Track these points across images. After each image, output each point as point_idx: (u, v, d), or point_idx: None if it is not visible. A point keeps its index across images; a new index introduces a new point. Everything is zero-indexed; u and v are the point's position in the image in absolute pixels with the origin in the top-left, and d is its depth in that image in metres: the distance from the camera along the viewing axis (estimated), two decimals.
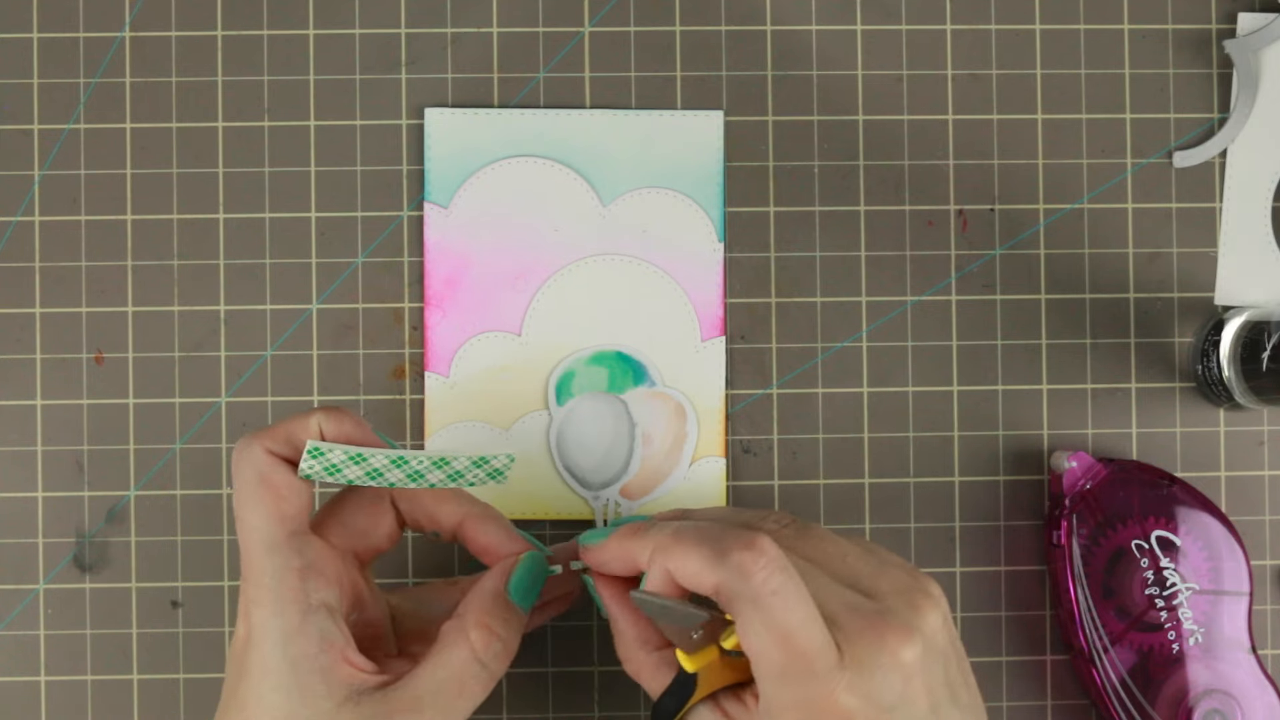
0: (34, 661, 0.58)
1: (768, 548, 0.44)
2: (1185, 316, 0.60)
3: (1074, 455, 0.57)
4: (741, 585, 0.43)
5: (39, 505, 0.59)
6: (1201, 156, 0.60)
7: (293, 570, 0.46)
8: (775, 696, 0.44)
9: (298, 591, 0.46)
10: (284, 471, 0.47)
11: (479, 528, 0.51)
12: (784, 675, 0.43)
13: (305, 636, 0.46)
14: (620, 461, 0.59)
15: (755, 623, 0.43)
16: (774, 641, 0.43)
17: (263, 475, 0.47)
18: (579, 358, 0.59)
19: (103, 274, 0.59)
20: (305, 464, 0.47)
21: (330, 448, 0.47)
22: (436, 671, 0.47)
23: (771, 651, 0.43)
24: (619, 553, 0.49)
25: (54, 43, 0.59)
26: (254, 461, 0.47)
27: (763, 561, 0.43)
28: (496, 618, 0.48)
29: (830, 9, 0.60)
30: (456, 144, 0.59)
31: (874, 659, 0.44)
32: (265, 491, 0.47)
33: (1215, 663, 0.56)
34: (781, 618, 0.43)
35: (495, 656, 0.48)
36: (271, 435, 0.47)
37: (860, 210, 0.60)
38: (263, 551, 0.46)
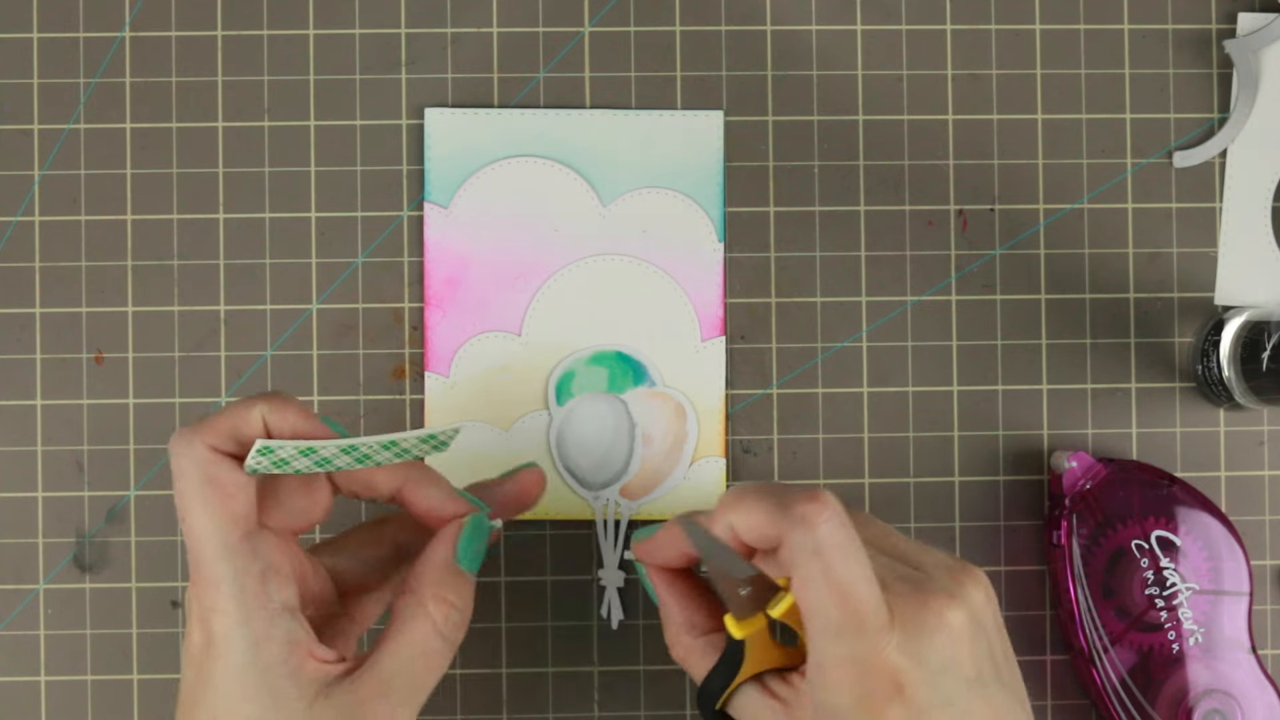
0: (34, 661, 0.58)
1: (831, 501, 0.44)
2: (1185, 316, 0.60)
3: (1074, 455, 0.57)
4: (805, 536, 0.44)
5: (39, 505, 0.59)
6: (1201, 156, 0.60)
7: (253, 575, 0.45)
8: (828, 652, 0.44)
9: (261, 597, 0.45)
10: (231, 469, 0.45)
11: (419, 491, 0.49)
12: (840, 630, 0.44)
13: (273, 642, 0.45)
14: (620, 461, 0.59)
15: (816, 573, 0.44)
16: (831, 595, 0.44)
17: (209, 475, 0.45)
18: (579, 358, 0.59)
19: (103, 274, 0.59)
20: (252, 460, 0.45)
21: (281, 444, 0.45)
22: (400, 650, 0.47)
23: (829, 605, 0.44)
24: (670, 539, 0.49)
25: (54, 43, 0.59)
26: (198, 460, 0.45)
27: (827, 514, 0.44)
28: (450, 588, 0.48)
29: (830, 9, 0.60)
30: (456, 144, 0.59)
31: (921, 620, 0.45)
32: (213, 492, 0.45)
33: (1215, 663, 0.56)
34: (841, 571, 0.44)
35: (454, 627, 0.48)
36: (214, 430, 0.46)
37: (860, 210, 0.60)
38: (218, 556, 0.45)
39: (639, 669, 0.59)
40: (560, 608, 0.59)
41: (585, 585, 0.59)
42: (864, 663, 0.44)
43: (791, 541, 0.44)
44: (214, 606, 0.45)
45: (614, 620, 0.59)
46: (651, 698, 0.59)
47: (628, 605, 0.59)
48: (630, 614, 0.59)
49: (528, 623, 0.59)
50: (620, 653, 0.59)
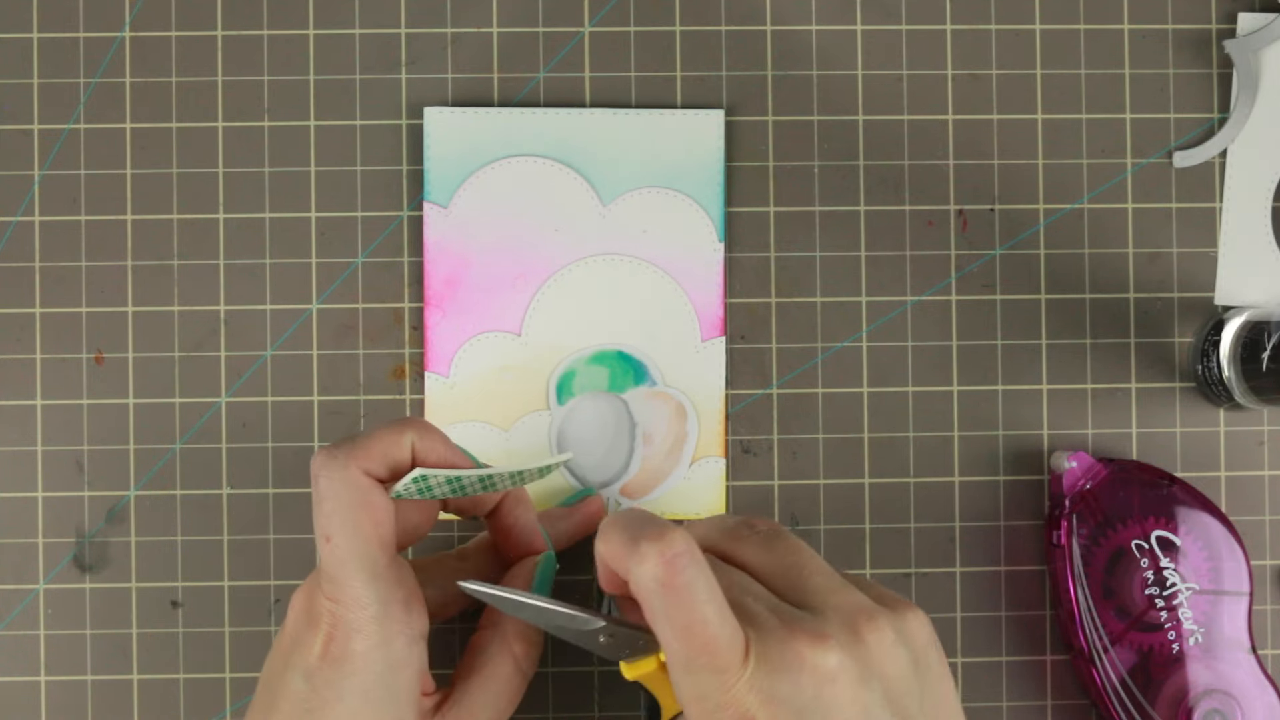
0: (34, 661, 0.58)
1: (677, 541, 0.43)
2: (1185, 316, 0.60)
3: (1074, 455, 0.57)
4: (643, 572, 0.43)
5: (39, 505, 0.59)
6: (1201, 156, 0.60)
7: (398, 601, 0.47)
8: (680, 687, 0.44)
9: (404, 624, 0.47)
10: (381, 494, 0.47)
11: (513, 512, 0.53)
12: (687, 666, 0.43)
13: (409, 668, 0.47)
14: (620, 461, 0.59)
15: (658, 611, 0.43)
16: (676, 632, 0.43)
17: (363, 499, 0.46)
18: (580, 357, 0.59)
19: (103, 274, 0.59)
20: (403, 486, 0.47)
21: (434, 474, 0.47)
22: (487, 685, 0.50)
23: (674, 641, 0.43)
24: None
25: (54, 43, 0.59)
26: (351, 483, 0.46)
27: (669, 553, 0.42)
28: (531, 626, 0.51)
29: (830, 9, 0.60)
30: (456, 144, 0.59)
31: (780, 657, 0.43)
32: (365, 516, 0.46)
33: (1215, 663, 0.56)
34: (685, 608, 0.42)
35: (532, 663, 0.51)
36: (367, 455, 0.47)
37: (860, 210, 0.60)
38: (365, 579, 0.46)
39: None
40: None
41: (585, 585, 0.59)
42: (711, 699, 0.43)
43: (632, 577, 0.43)
44: (357, 627, 0.46)
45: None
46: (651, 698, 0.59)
47: None
48: None
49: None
50: None
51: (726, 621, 0.43)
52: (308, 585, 0.48)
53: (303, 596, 0.48)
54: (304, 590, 0.48)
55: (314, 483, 0.47)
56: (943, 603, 0.59)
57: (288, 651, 0.48)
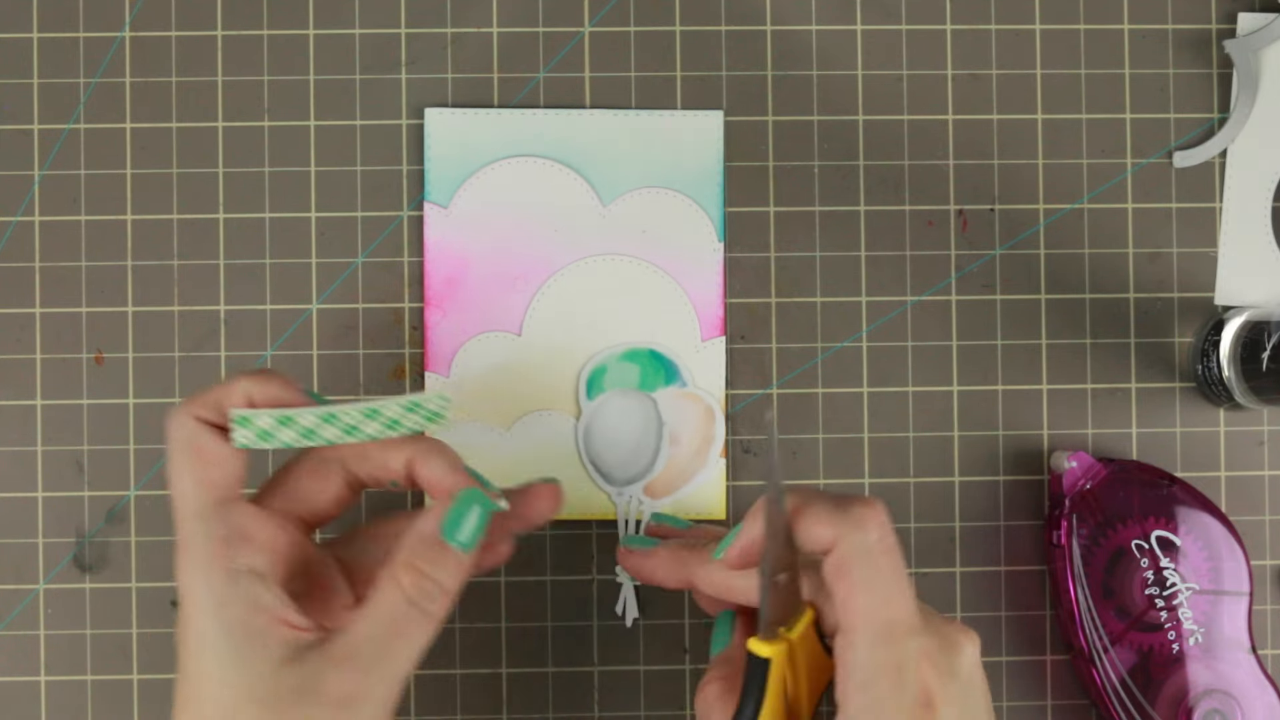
0: (34, 661, 0.58)
1: (884, 508, 0.46)
2: (1185, 316, 0.60)
3: (1074, 455, 0.57)
4: (860, 535, 0.45)
5: (39, 505, 0.59)
6: (1201, 156, 0.60)
7: (217, 538, 0.46)
8: (870, 659, 0.44)
9: (222, 559, 0.46)
10: (212, 439, 0.47)
11: (423, 464, 0.48)
12: (885, 635, 0.44)
13: (235, 603, 0.46)
14: (646, 459, 0.59)
15: (868, 574, 0.44)
16: (881, 598, 0.44)
17: (191, 443, 0.47)
18: (612, 353, 0.59)
19: (103, 274, 0.59)
20: (237, 434, 0.47)
21: (256, 414, 0.47)
22: (370, 615, 0.46)
23: (878, 608, 0.44)
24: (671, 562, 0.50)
25: (54, 43, 0.59)
26: (184, 429, 0.47)
27: (881, 518, 0.45)
28: (425, 558, 0.47)
29: (830, 9, 0.60)
30: (456, 144, 0.59)
31: (948, 635, 0.46)
32: (194, 460, 0.47)
33: (1215, 663, 0.56)
34: (890, 574, 0.45)
35: (428, 596, 0.46)
36: (201, 402, 0.47)
37: (860, 210, 0.60)
38: (189, 520, 0.46)
39: (639, 669, 0.59)
40: (560, 608, 0.59)
41: (585, 585, 0.59)
42: (904, 671, 0.44)
43: (845, 540, 0.45)
44: (183, 567, 0.46)
45: (629, 618, 0.59)
46: (651, 698, 0.59)
47: (642, 603, 0.59)
48: (643, 612, 0.59)
49: (528, 623, 0.59)
50: (620, 653, 0.59)
51: (913, 595, 0.45)
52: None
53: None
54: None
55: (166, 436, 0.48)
56: (943, 603, 0.59)
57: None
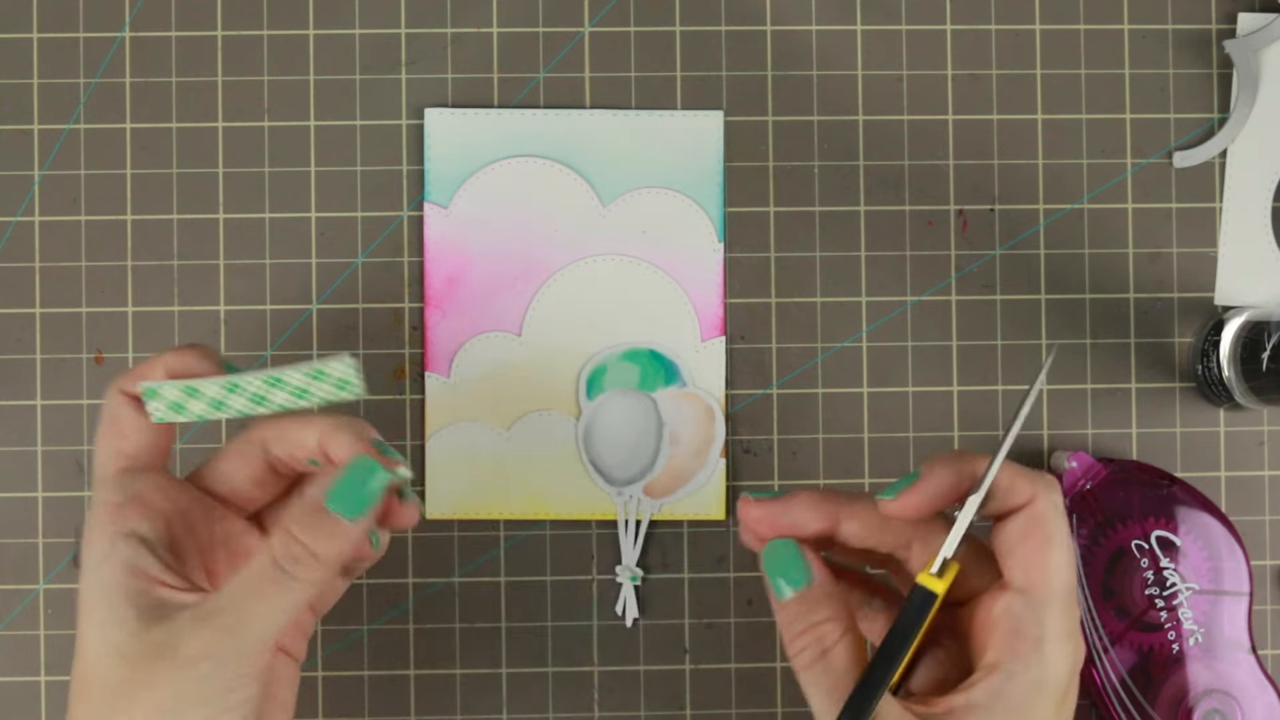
0: (34, 661, 0.58)
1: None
2: (1185, 316, 0.60)
3: (1074, 455, 0.57)
4: (1056, 496, 0.46)
5: (39, 505, 0.59)
6: (1201, 156, 0.60)
7: (110, 503, 0.47)
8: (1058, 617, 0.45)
9: (109, 523, 0.47)
10: (129, 411, 0.48)
11: (331, 438, 0.47)
12: (1067, 596, 0.45)
13: (111, 562, 0.46)
14: (646, 459, 0.59)
15: (1061, 533, 0.45)
16: (1068, 560, 0.45)
17: (110, 414, 0.48)
18: (612, 353, 0.59)
19: (103, 274, 0.59)
20: (149, 406, 0.48)
21: (162, 385, 0.47)
22: (237, 577, 0.45)
23: (1066, 569, 0.45)
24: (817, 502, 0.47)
25: (54, 43, 0.59)
26: (109, 402, 0.48)
27: (1056, 483, 0.46)
28: (302, 524, 0.45)
29: (830, 9, 0.60)
30: (456, 144, 0.59)
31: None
32: (109, 429, 0.48)
33: (1215, 663, 0.56)
34: (1069, 535, 0.46)
35: (297, 562, 0.45)
36: (128, 376, 0.48)
37: (860, 210, 0.60)
38: (95, 489, 0.48)
39: (639, 669, 0.59)
40: (560, 608, 0.59)
41: (585, 585, 0.59)
42: (1076, 637, 0.45)
43: (1045, 499, 0.46)
44: (83, 530, 0.47)
45: (629, 618, 0.59)
46: (651, 698, 0.59)
47: (642, 603, 0.59)
48: (643, 612, 0.59)
49: (528, 623, 0.59)
50: (620, 653, 0.59)
51: None
52: None
53: None
54: None
55: None
56: None
57: None
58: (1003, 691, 0.44)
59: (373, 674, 0.59)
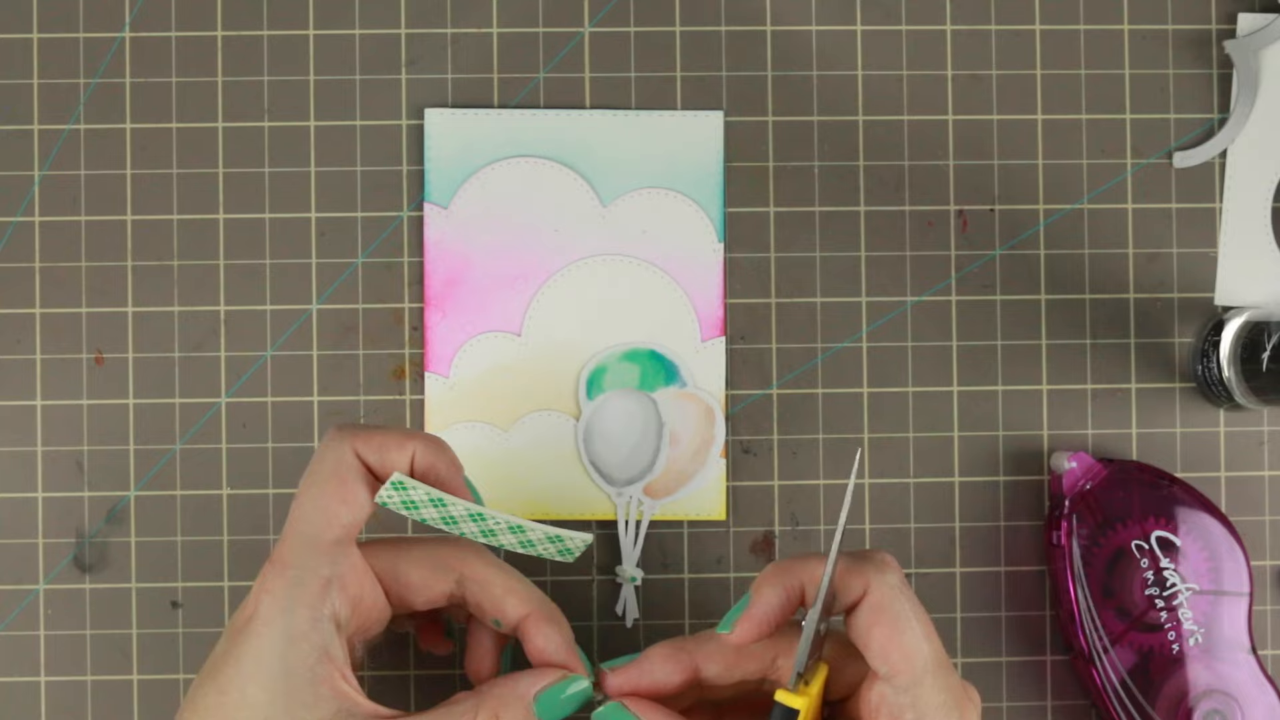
0: (34, 661, 0.58)
1: (890, 554, 0.48)
2: (1185, 316, 0.60)
3: (1074, 455, 0.57)
4: (888, 577, 0.46)
5: (39, 505, 0.59)
6: (1201, 156, 0.60)
7: (319, 576, 0.46)
8: (933, 693, 0.45)
9: (315, 598, 0.46)
10: (357, 479, 0.47)
11: (540, 630, 0.50)
12: (937, 669, 0.45)
13: (308, 642, 0.46)
14: (646, 460, 0.59)
15: (906, 611, 0.45)
16: (924, 633, 0.45)
17: (339, 473, 0.47)
18: (612, 353, 0.59)
19: (103, 274, 0.59)
20: (384, 492, 0.47)
21: (414, 485, 0.47)
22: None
23: (923, 643, 0.45)
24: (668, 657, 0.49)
25: (54, 43, 0.59)
26: (339, 455, 0.47)
27: (896, 565, 0.47)
28: (511, 713, 0.48)
29: (830, 9, 0.60)
30: (456, 144, 0.59)
31: (960, 687, 0.47)
32: (334, 488, 0.47)
33: (1215, 663, 0.56)
34: (922, 613, 0.46)
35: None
36: (367, 439, 0.47)
37: (860, 210, 0.60)
38: (298, 546, 0.46)
39: None
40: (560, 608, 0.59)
41: (585, 585, 0.59)
42: (961, 704, 0.46)
43: (876, 584, 0.45)
44: (271, 588, 0.46)
45: (629, 618, 0.59)
46: None
47: (642, 603, 0.59)
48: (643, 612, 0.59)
49: None
50: (620, 653, 0.59)
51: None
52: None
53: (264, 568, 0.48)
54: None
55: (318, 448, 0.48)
56: (943, 603, 0.59)
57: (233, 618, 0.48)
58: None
59: (373, 674, 0.59)
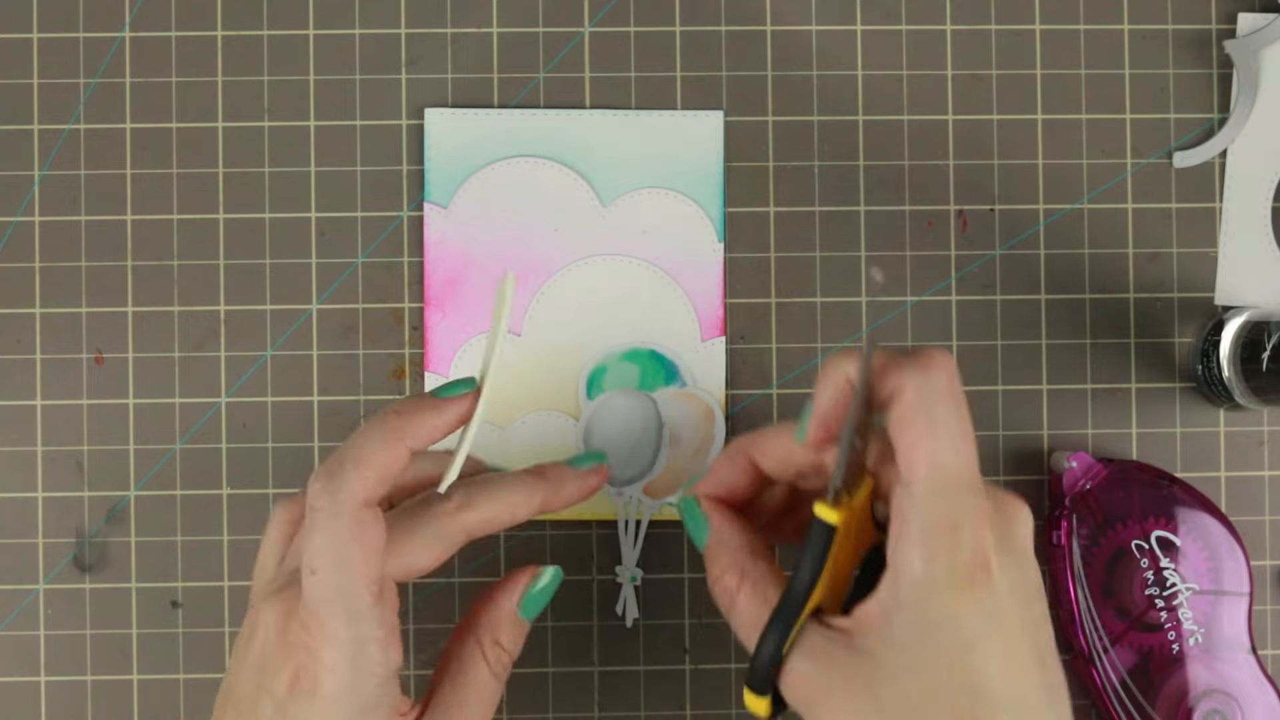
0: (34, 661, 0.58)
1: (951, 358, 0.43)
2: (1185, 316, 0.60)
3: (1074, 455, 0.57)
4: (926, 378, 0.42)
5: (39, 505, 0.59)
6: (1201, 156, 0.60)
7: (375, 642, 0.45)
8: (929, 510, 0.42)
9: (380, 665, 0.45)
10: (377, 527, 0.45)
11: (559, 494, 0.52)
12: (945, 486, 0.42)
13: (381, 710, 0.45)
14: (646, 460, 0.59)
15: (932, 418, 0.42)
16: (945, 445, 0.42)
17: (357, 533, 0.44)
18: (612, 353, 0.59)
19: (103, 274, 0.59)
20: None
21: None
22: (463, 693, 0.48)
23: (940, 455, 0.42)
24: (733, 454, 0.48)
25: (54, 43, 0.59)
26: (347, 515, 0.44)
27: (949, 365, 0.43)
28: (506, 634, 0.49)
29: (830, 9, 0.60)
30: (456, 144, 0.59)
31: (1005, 502, 0.44)
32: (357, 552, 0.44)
33: (1215, 663, 0.56)
34: (954, 423, 0.42)
35: (505, 669, 0.50)
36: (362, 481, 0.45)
37: (860, 210, 0.60)
38: (345, 619, 0.44)
39: (639, 669, 0.59)
40: (560, 608, 0.59)
41: (585, 585, 0.59)
42: (962, 528, 0.42)
43: (912, 383, 0.42)
44: (330, 666, 0.44)
45: (629, 619, 0.59)
46: (651, 698, 0.59)
47: (642, 603, 0.59)
48: (643, 612, 0.59)
49: None
50: (620, 653, 0.59)
51: (975, 447, 0.43)
52: (286, 600, 0.46)
53: (279, 612, 0.46)
54: (281, 605, 0.46)
55: (308, 514, 0.45)
56: None
57: (258, 668, 0.46)
58: (897, 590, 0.43)
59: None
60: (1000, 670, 0.42)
